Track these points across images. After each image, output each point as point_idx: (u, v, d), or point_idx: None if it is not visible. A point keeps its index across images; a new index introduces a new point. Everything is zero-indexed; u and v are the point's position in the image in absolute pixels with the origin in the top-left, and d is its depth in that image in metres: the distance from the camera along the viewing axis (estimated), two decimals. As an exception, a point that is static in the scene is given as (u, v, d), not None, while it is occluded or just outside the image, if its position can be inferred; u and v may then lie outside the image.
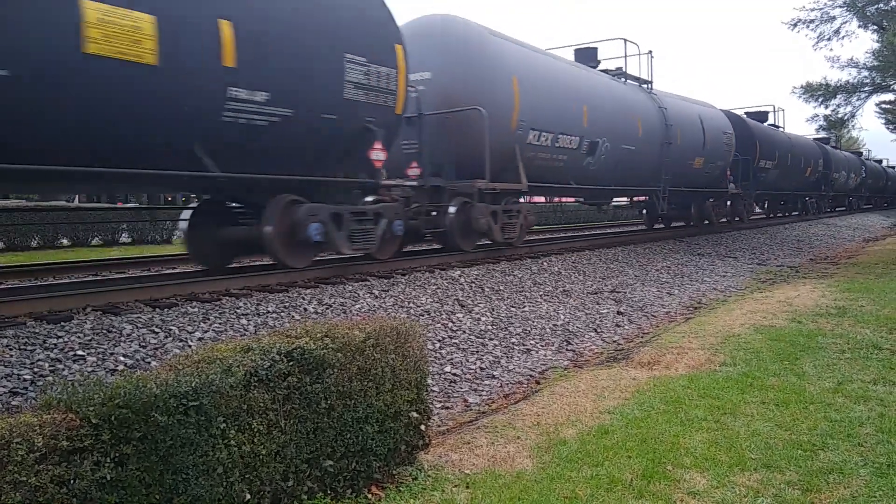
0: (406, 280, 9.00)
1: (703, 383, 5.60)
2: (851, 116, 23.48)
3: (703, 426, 4.62)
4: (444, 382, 6.28)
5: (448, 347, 7.10)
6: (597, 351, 7.73)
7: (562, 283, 10.64)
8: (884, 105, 37.65)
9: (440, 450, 4.37)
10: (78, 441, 2.54)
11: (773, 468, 3.94)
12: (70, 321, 5.80)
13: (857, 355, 6.47)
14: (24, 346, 5.16)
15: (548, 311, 9.04)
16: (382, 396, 3.81)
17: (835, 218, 33.41)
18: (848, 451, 4.16)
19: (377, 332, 3.88)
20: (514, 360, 7.14)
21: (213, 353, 3.27)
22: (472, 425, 5.02)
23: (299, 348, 3.39)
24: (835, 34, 20.71)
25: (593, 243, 15.28)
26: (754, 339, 7.25)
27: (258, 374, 3.19)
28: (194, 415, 2.87)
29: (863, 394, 5.25)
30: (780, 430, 4.54)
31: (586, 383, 5.86)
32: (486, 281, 9.73)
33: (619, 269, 12.54)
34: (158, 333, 5.86)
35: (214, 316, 6.52)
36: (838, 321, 8.10)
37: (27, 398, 4.50)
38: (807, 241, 22.11)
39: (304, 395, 3.38)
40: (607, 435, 4.51)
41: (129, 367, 5.19)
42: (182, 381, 2.89)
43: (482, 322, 8.06)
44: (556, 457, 4.19)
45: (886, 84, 21.49)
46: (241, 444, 3.06)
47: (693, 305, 10.67)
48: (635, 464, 4.01)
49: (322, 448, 3.46)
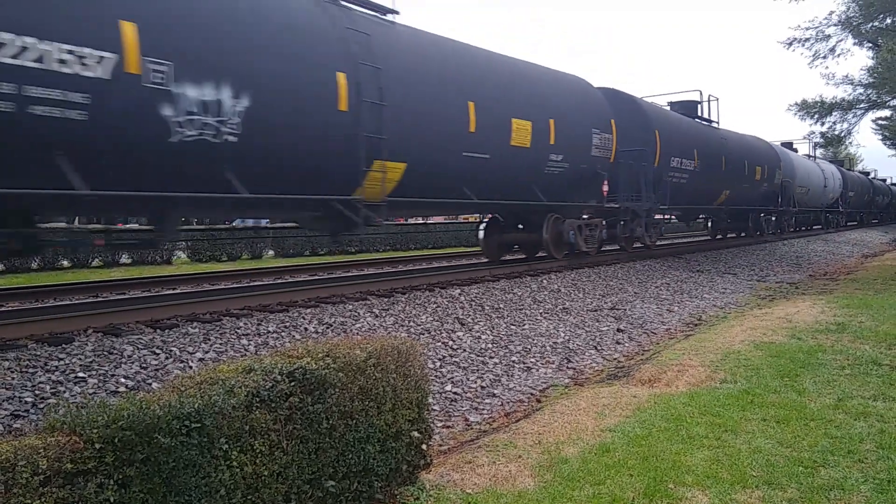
0: (406, 299, 9.02)
1: (704, 400, 5.61)
2: (848, 133, 23.62)
3: (704, 444, 4.63)
4: (445, 401, 6.28)
5: (448, 366, 7.11)
6: (597, 368, 7.73)
7: (561, 300, 10.66)
8: (880, 121, 37.85)
9: (442, 469, 4.37)
10: (82, 463, 2.55)
11: (775, 485, 3.94)
12: (71, 343, 5.82)
13: (856, 371, 6.48)
14: (26, 368, 5.18)
15: (548, 329, 9.05)
16: (384, 416, 3.82)
17: (833, 234, 32.75)
18: (849, 467, 4.17)
19: (378, 351, 3.89)
20: (515, 379, 7.14)
21: (215, 373, 3.28)
22: (473, 444, 5.02)
23: (301, 368, 3.41)
24: (830, 52, 20.92)
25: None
26: (754, 355, 7.26)
27: (260, 394, 3.20)
28: (197, 436, 2.88)
29: (863, 410, 5.26)
30: (781, 446, 4.54)
31: (587, 401, 5.87)
32: (486, 299, 9.74)
33: (618, 286, 12.56)
34: (159, 354, 5.88)
35: (215, 336, 6.53)
36: (838, 337, 8.11)
37: (29, 420, 4.51)
38: (805, 258, 22.15)
39: (306, 415, 3.39)
40: (609, 453, 4.51)
41: (131, 388, 5.20)
42: (185, 403, 2.91)
43: (482, 340, 8.07)
44: (558, 475, 4.19)
45: (882, 101, 21.65)
46: (243, 465, 3.07)
47: (693, 322, 10.69)
48: (637, 482, 4.02)
49: (324, 468, 3.47)
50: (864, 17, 19.18)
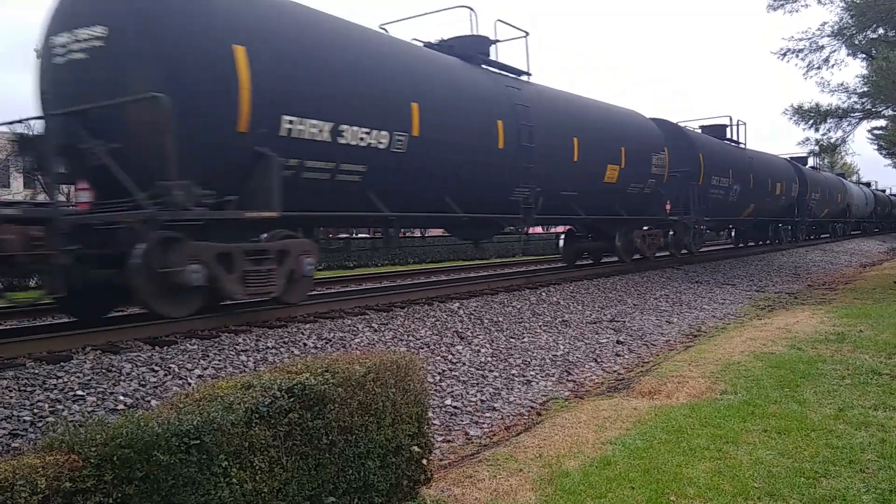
0: (405, 313, 9.01)
1: (705, 412, 5.60)
2: (843, 142, 23.70)
3: (705, 455, 4.61)
4: (445, 415, 6.26)
5: (448, 380, 7.09)
6: (597, 381, 7.72)
7: (560, 313, 10.65)
8: (876, 131, 37.98)
9: (442, 484, 4.35)
10: (80, 482, 2.54)
11: (777, 497, 3.93)
12: (69, 361, 5.80)
13: (857, 381, 6.47)
14: (24, 387, 5.16)
15: (547, 342, 9.04)
16: (384, 431, 3.80)
17: (832, 244, 32.95)
18: (850, 477, 4.15)
19: (378, 366, 3.88)
20: (515, 392, 7.12)
21: (213, 390, 3.28)
22: (473, 458, 5.00)
23: (300, 384, 3.40)
24: (824, 63, 21.03)
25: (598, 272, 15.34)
26: (754, 366, 7.25)
27: (259, 410, 3.19)
28: (196, 453, 2.87)
29: (864, 420, 5.25)
30: (783, 457, 4.53)
31: (587, 414, 5.85)
32: (485, 312, 9.74)
33: (617, 298, 12.55)
34: (158, 371, 5.86)
35: (214, 353, 6.52)
36: (838, 347, 8.11)
37: (28, 439, 4.49)
38: (804, 267, 22.17)
39: (306, 431, 3.38)
40: (610, 466, 4.49)
41: (130, 406, 5.18)
42: (184, 420, 2.90)
43: (482, 354, 8.05)
44: (559, 489, 4.18)
45: (877, 110, 21.74)
46: (242, 481, 3.05)
47: (692, 333, 10.68)
48: (639, 495, 4.00)
49: (324, 484, 3.45)
50: (857, 28, 19.29)
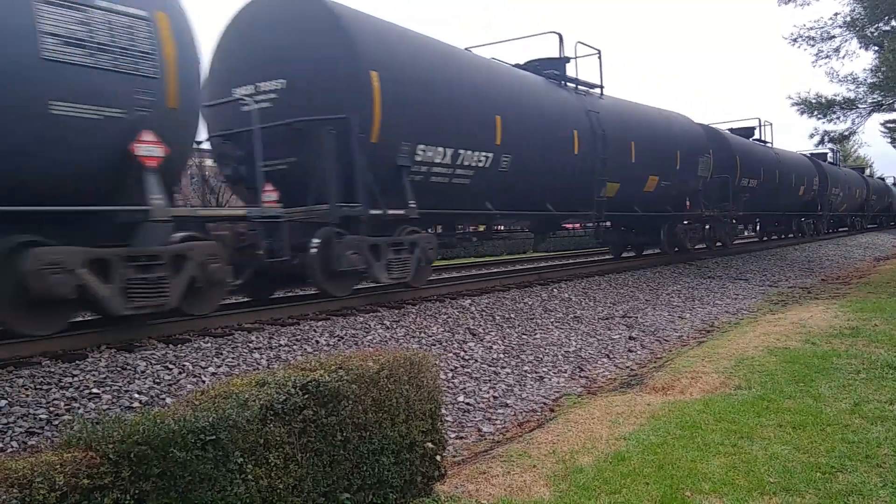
0: (417, 310, 9.02)
1: (719, 407, 5.57)
2: (852, 133, 23.48)
3: (720, 451, 4.59)
4: (458, 412, 6.26)
5: (461, 377, 7.09)
6: (610, 377, 7.70)
7: (572, 309, 10.64)
8: (889, 124, 37.62)
9: (456, 480, 4.36)
10: (98, 479, 2.56)
11: (793, 491, 3.90)
12: (85, 359, 5.84)
13: (872, 375, 6.42)
14: (40, 385, 5.20)
15: (559, 338, 9.03)
16: (397, 427, 3.81)
17: (845, 238, 32.88)
18: (867, 472, 4.12)
19: (391, 362, 3.89)
20: (528, 388, 7.12)
21: (228, 387, 3.29)
22: (487, 455, 5.01)
23: (314, 381, 3.41)
24: (834, 52, 20.82)
25: (605, 268, 15.30)
26: (768, 361, 7.20)
27: (274, 407, 3.20)
28: (212, 450, 2.88)
29: (880, 414, 5.21)
30: (798, 452, 4.50)
31: (601, 410, 5.84)
32: (497, 309, 9.73)
33: (629, 294, 12.52)
34: (172, 369, 5.89)
35: (227, 350, 6.55)
36: (852, 341, 8.04)
37: (44, 437, 4.52)
38: (817, 262, 22.02)
39: (320, 427, 3.39)
40: (624, 462, 4.48)
41: (144, 403, 5.21)
42: (199, 417, 2.91)
43: (494, 350, 8.05)
44: (573, 485, 4.17)
45: (888, 103, 21.52)
46: (258, 478, 3.07)
47: (705, 329, 10.63)
48: (653, 490, 3.99)
49: (339, 481, 3.46)
50: (870, 19, 19.08)
